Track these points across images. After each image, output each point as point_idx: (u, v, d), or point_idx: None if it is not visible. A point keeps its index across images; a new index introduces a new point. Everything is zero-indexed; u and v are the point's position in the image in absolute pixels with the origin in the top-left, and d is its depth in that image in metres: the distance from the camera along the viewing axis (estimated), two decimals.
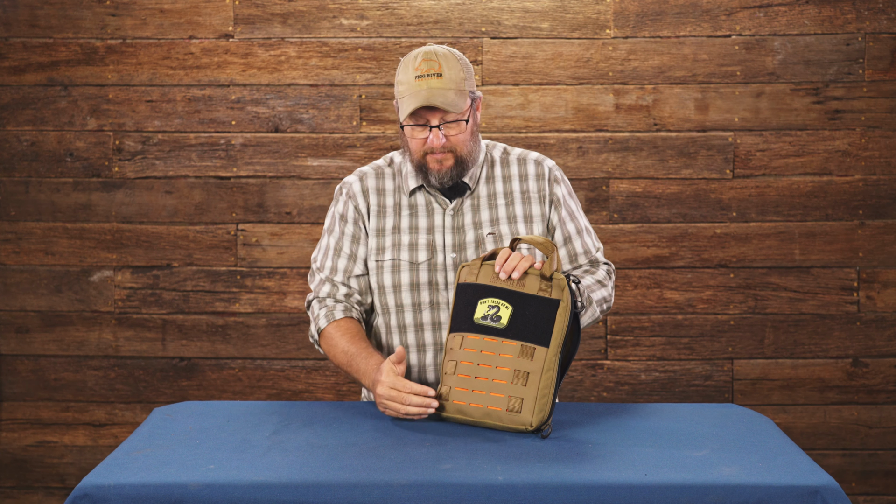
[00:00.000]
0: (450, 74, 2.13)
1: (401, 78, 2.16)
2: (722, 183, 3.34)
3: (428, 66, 2.13)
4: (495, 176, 2.27)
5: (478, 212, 2.23)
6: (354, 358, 2.13)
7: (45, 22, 3.36)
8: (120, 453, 1.76)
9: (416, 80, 2.12)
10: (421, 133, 2.15)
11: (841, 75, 3.31)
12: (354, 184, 2.26)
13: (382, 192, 2.26)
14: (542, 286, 1.91)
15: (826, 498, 1.58)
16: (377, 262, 2.22)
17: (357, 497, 1.58)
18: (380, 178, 2.27)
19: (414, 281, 2.20)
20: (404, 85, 2.14)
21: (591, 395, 3.37)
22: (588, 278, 2.23)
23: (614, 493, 1.59)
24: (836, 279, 3.34)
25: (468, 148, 2.18)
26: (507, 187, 2.26)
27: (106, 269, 3.38)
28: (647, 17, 3.32)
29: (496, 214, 2.23)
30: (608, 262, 2.32)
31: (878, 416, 3.36)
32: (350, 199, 2.25)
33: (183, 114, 3.36)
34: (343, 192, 2.27)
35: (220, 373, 3.38)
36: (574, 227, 2.28)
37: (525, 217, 2.23)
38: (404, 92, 2.14)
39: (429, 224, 2.22)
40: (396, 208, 2.24)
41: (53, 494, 3.41)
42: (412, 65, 2.14)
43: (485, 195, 2.24)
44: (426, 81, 2.12)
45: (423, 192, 2.24)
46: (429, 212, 2.23)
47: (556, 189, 2.27)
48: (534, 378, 1.86)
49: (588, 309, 2.16)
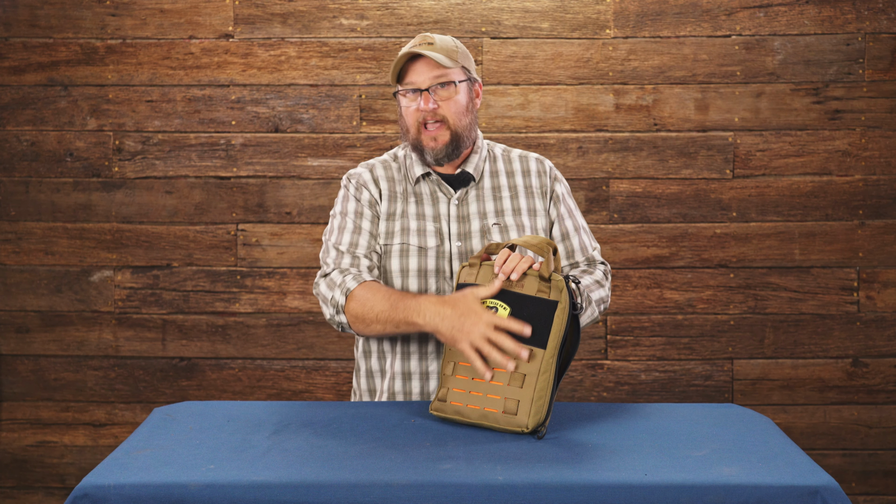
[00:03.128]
0: (441, 44, 2.18)
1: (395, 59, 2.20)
2: (722, 183, 3.34)
3: (421, 39, 2.19)
4: (499, 170, 2.29)
5: (482, 202, 2.24)
6: (402, 298, 2.03)
7: (45, 22, 3.36)
8: (120, 453, 1.76)
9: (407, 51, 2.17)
10: (413, 100, 2.16)
11: (841, 75, 3.31)
12: (364, 173, 2.26)
13: (392, 181, 2.26)
14: (540, 287, 1.91)
15: (826, 498, 1.58)
16: (385, 246, 2.21)
17: (357, 497, 1.58)
18: (387, 169, 2.27)
19: (422, 267, 2.19)
20: (396, 60, 2.17)
21: (591, 395, 3.37)
22: (586, 278, 2.23)
23: (614, 493, 1.59)
24: (836, 279, 3.34)
25: (462, 122, 2.19)
26: (511, 181, 2.28)
27: (106, 269, 3.38)
28: (647, 17, 3.32)
29: (501, 206, 2.24)
30: (605, 262, 2.33)
31: (878, 416, 3.36)
32: (363, 186, 2.24)
33: (183, 114, 3.36)
34: (353, 181, 2.26)
35: (220, 373, 3.38)
36: (572, 225, 2.29)
37: (529, 210, 2.25)
38: (394, 64, 2.17)
39: (434, 212, 2.23)
40: (404, 195, 2.24)
41: (53, 494, 3.41)
42: (407, 46, 2.19)
43: (489, 187, 2.26)
44: (416, 48, 2.16)
45: (428, 182, 2.25)
46: (434, 200, 2.23)
47: (556, 186, 2.30)
48: (530, 380, 1.86)
49: (587, 308, 2.17)
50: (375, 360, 2.26)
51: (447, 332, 1.92)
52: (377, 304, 2.06)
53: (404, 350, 2.21)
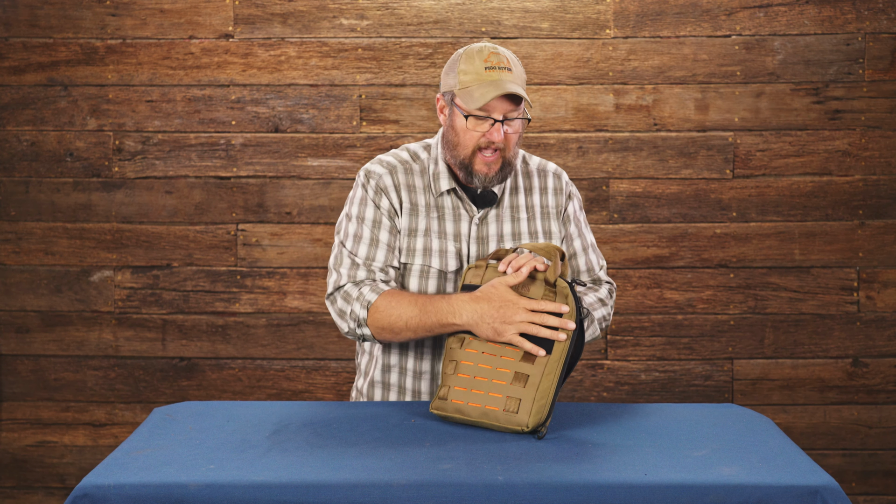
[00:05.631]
0: (517, 71, 2.09)
1: (464, 68, 2.08)
2: (722, 183, 3.34)
3: (497, 60, 2.07)
4: (518, 186, 2.23)
5: (501, 223, 2.19)
6: (430, 301, 2.00)
7: (45, 22, 3.36)
8: (120, 453, 1.76)
9: (486, 71, 2.05)
10: (481, 126, 2.07)
11: (841, 75, 3.31)
12: (385, 177, 2.17)
13: (413, 190, 2.17)
14: (546, 292, 1.91)
15: (826, 498, 1.58)
16: (405, 265, 2.15)
17: (357, 497, 1.58)
18: (409, 174, 2.18)
19: (441, 289, 2.15)
20: (470, 75, 2.06)
21: (591, 395, 3.37)
22: (590, 296, 2.21)
23: (614, 493, 1.59)
24: (836, 279, 3.34)
25: (514, 152, 2.13)
26: (529, 200, 2.23)
27: (106, 269, 3.38)
28: (647, 17, 3.32)
29: (519, 228, 2.20)
30: (610, 281, 2.31)
31: (878, 416, 3.36)
32: (382, 191, 2.16)
33: (183, 114, 3.36)
34: (372, 181, 2.17)
35: (220, 373, 3.38)
36: (580, 244, 2.28)
37: (545, 233, 2.22)
38: (471, 82, 2.06)
39: (455, 230, 2.16)
40: (427, 209, 2.16)
41: (53, 494, 3.41)
42: (478, 57, 2.07)
43: (507, 206, 2.20)
44: (498, 73, 2.05)
45: (452, 196, 2.18)
46: (455, 217, 2.17)
47: (569, 204, 2.27)
48: (533, 380, 1.86)
49: (590, 327, 2.16)
50: (376, 358, 2.25)
51: (488, 328, 1.91)
52: (405, 312, 2.03)
53: (402, 349, 2.20)
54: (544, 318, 1.87)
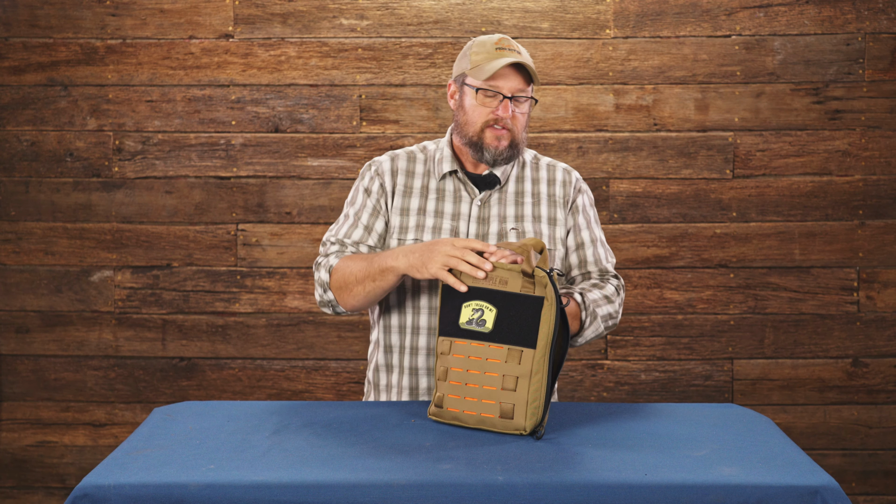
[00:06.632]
0: (526, 57, 2.20)
1: (476, 50, 2.17)
2: (722, 183, 3.34)
3: (508, 44, 2.19)
4: (525, 176, 2.28)
5: (504, 206, 2.24)
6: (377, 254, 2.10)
7: (45, 22, 3.36)
8: (120, 453, 1.76)
9: (497, 51, 2.16)
10: (491, 102, 2.16)
11: (841, 75, 3.31)
12: (385, 162, 2.27)
13: (411, 175, 2.26)
14: (524, 284, 1.90)
15: (826, 498, 1.58)
16: (399, 241, 2.21)
17: (357, 497, 1.58)
18: (410, 161, 2.27)
19: None
20: (482, 55, 2.16)
21: (591, 395, 3.37)
22: (595, 292, 2.20)
23: (614, 493, 1.59)
24: (836, 279, 3.34)
25: (522, 136, 2.21)
26: (536, 188, 2.27)
27: (106, 269, 3.38)
28: (647, 17, 3.32)
29: (522, 212, 2.24)
30: (618, 277, 2.30)
31: (878, 416, 3.36)
32: (378, 175, 2.25)
33: (183, 114, 3.36)
34: (371, 168, 2.27)
35: (220, 373, 3.38)
36: (588, 236, 2.28)
37: (549, 219, 2.25)
38: (482, 60, 2.15)
39: (454, 210, 2.22)
40: (423, 191, 2.24)
41: (53, 494, 3.41)
42: (489, 41, 2.18)
43: (513, 192, 2.25)
44: (510, 53, 2.16)
45: (453, 179, 2.24)
46: (456, 199, 2.23)
47: (578, 197, 2.30)
48: (523, 382, 1.85)
49: (592, 324, 2.15)
50: (382, 355, 2.26)
51: (418, 262, 1.98)
52: (354, 267, 2.11)
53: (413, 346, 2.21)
54: (465, 254, 1.91)
